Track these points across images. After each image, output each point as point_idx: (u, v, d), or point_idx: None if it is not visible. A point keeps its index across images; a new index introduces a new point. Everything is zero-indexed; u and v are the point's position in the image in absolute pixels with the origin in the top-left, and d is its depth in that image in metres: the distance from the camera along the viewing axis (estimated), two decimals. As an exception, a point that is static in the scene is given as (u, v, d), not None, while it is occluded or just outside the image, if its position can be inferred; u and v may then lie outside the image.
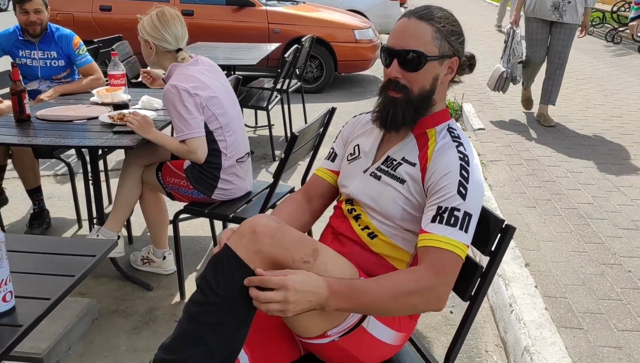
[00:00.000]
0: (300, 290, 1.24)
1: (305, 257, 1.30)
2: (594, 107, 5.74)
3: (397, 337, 1.50)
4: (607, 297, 2.48)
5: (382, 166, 1.54)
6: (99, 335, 2.48)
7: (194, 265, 3.05)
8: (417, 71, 1.43)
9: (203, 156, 2.46)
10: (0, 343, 1.16)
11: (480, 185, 1.42)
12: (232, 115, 2.58)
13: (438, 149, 1.46)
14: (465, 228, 1.36)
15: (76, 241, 1.76)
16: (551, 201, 3.48)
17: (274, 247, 1.28)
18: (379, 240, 1.52)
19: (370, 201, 1.52)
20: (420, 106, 1.47)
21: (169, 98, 2.42)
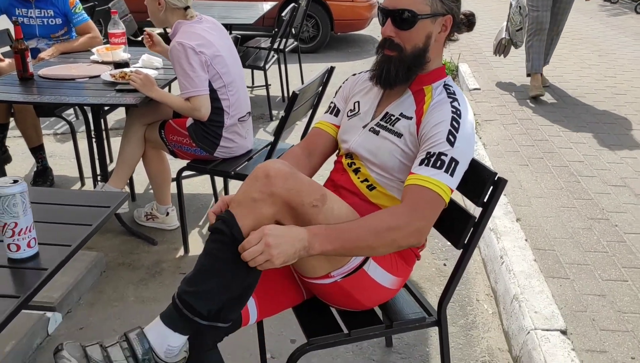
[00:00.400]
0: (279, 235, 1.31)
1: (314, 201, 1.37)
2: (589, 67, 5.78)
3: (394, 281, 1.60)
4: (594, 250, 2.60)
5: (381, 121, 1.61)
6: (107, 286, 2.58)
7: (196, 221, 3.14)
8: (409, 30, 1.50)
9: (207, 113, 2.51)
10: (29, 285, 1.25)
11: (470, 137, 1.49)
12: (235, 74, 2.63)
13: (433, 104, 1.53)
14: (451, 172, 1.44)
15: (90, 194, 1.84)
16: (543, 159, 3.57)
17: (286, 191, 1.35)
18: (377, 192, 1.60)
19: (369, 155, 1.60)
20: (414, 64, 1.53)
21: (174, 55, 2.46)
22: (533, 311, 2.15)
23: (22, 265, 1.32)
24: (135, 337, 1.39)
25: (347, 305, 1.60)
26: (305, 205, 1.36)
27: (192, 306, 1.37)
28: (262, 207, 1.36)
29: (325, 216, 1.38)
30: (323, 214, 1.38)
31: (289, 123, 2.47)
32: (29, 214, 1.32)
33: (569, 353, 1.95)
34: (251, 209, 1.36)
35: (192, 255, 2.82)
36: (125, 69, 2.88)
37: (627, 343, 2.03)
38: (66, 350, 1.35)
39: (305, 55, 6.61)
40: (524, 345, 2.05)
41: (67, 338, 2.26)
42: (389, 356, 2.19)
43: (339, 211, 1.42)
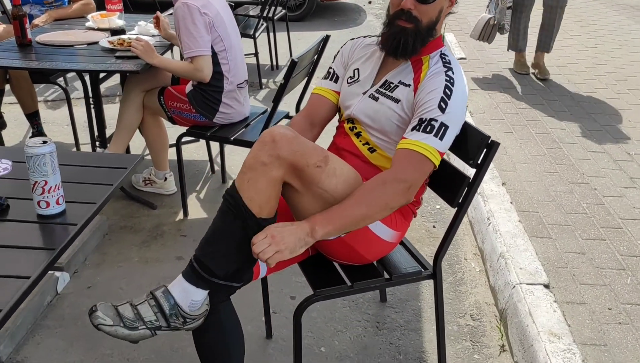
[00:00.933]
0: (281, 229, 1.43)
1: (317, 162, 1.47)
2: (571, 38, 5.90)
3: (393, 235, 1.72)
4: (574, 211, 2.75)
5: (380, 88, 1.71)
6: (111, 248, 2.68)
7: (193, 186, 3.23)
8: (429, 4, 1.58)
9: (209, 74, 2.58)
10: (61, 238, 1.34)
11: (462, 104, 1.59)
12: (234, 39, 2.70)
13: (430, 73, 1.63)
14: (441, 136, 1.55)
15: (108, 156, 1.92)
16: (527, 127, 3.70)
17: (291, 153, 1.45)
18: (377, 154, 1.72)
19: (369, 120, 1.70)
20: (427, 36, 1.63)
21: (179, 15, 2.51)
22: (518, 268, 2.30)
23: (51, 221, 1.41)
24: (162, 294, 1.50)
25: (350, 259, 1.72)
26: (310, 166, 1.46)
27: (209, 269, 1.49)
28: (272, 170, 1.45)
29: (327, 175, 1.48)
30: (326, 174, 1.48)
31: (286, 91, 2.56)
32: (58, 174, 1.40)
33: (552, 304, 2.11)
34: (262, 172, 1.46)
35: (191, 218, 2.92)
36: (123, 36, 2.92)
37: (604, 295, 2.20)
38: (100, 310, 1.45)
39: (292, 23, 6.61)
40: (510, 299, 2.21)
41: (76, 297, 2.37)
42: (383, 310, 2.33)
43: (340, 170, 1.52)
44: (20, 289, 1.17)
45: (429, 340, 2.18)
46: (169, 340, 2.15)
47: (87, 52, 2.78)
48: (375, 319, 2.28)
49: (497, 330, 2.23)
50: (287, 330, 2.21)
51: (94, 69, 2.58)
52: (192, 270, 1.51)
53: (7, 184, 1.56)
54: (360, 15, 7.36)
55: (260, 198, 1.46)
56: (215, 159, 3.47)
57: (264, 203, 1.46)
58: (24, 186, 1.55)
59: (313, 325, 2.24)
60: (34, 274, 1.21)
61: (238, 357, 1.64)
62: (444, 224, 2.89)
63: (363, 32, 6.50)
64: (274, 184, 1.47)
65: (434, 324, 2.23)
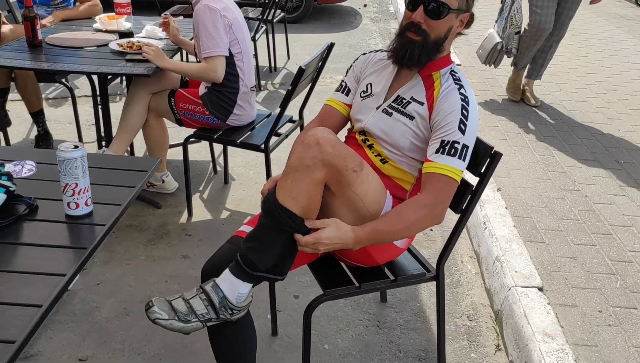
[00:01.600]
0: (329, 244, 1.56)
1: (355, 167, 1.56)
2: (562, 46, 6.03)
3: (404, 241, 1.81)
4: (566, 217, 2.87)
5: (393, 103, 1.78)
6: (119, 246, 2.74)
7: (196, 186, 3.30)
8: (438, 20, 1.66)
9: (222, 75, 2.66)
10: (91, 238, 1.42)
11: (476, 120, 1.70)
12: (248, 43, 2.78)
13: (443, 91, 1.71)
14: (463, 157, 1.66)
15: (128, 159, 1.99)
16: (520, 134, 3.82)
17: (335, 156, 1.53)
18: (389, 165, 1.80)
19: (383, 134, 1.78)
20: (433, 51, 1.71)
21: (200, 17, 2.60)
22: (513, 271, 2.41)
23: (80, 221, 1.48)
24: (211, 288, 1.58)
25: (360, 261, 1.81)
26: (348, 169, 1.55)
27: (253, 263, 1.57)
28: (315, 172, 1.53)
29: (362, 180, 1.58)
30: (360, 179, 1.57)
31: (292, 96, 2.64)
32: (87, 176, 1.48)
33: (545, 307, 2.21)
34: (305, 173, 1.53)
35: (195, 218, 2.99)
36: (132, 39, 2.98)
37: (595, 298, 2.31)
38: (156, 305, 1.54)
39: (289, 25, 6.69)
40: (505, 300, 2.31)
41: (86, 293, 2.44)
42: (384, 310, 2.42)
43: (372, 177, 1.62)
44: (57, 286, 1.24)
45: (428, 338, 2.27)
46: (179, 337, 2.22)
47: (97, 54, 2.85)
48: (376, 318, 2.37)
49: (493, 330, 2.33)
50: (291, 327, 2.30)
51: (107, 72, 2.64)
52: (237, 265, 1.59)
53: (33, 185, 1.63)
54: (356, 18, 7.45)
55: (303, 199, 1.54)
56: (217, 160, 3.55)
57: (306, 204, 1.54)
58: (50, 186, 1.62)
59: (316, 323, 2.33)
60: (69, 272, 1.29)
61: (252, 352, 1.72)
62: (440, 228, 2.99)
63: (359, 35, 6.60)
64: (317, 185, 1.55)
65: (433, 324, 2.33)
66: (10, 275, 1.29)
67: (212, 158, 3.49)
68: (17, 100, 4.03)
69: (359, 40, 6.39)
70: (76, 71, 2.68)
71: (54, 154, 1.79)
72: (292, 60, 5.61)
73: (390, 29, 6.95)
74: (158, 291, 2.46)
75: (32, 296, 1.21)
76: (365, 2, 8.36)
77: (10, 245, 1.39)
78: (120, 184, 1.67)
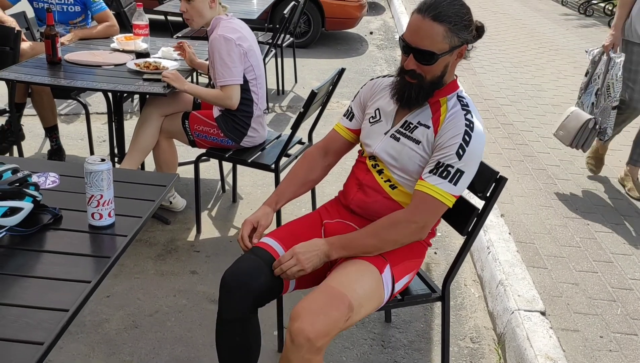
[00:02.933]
0: (305, 250, 1.70)
1: (345, 318, 1.61)
2: (565, 78, 6.15)
3: (411, 275, 1.87)
4: (568, 244, 2.92)
5: (401, 128, 1.82)
6: (128, 260, 2.79)
7: (204, 204, 3.36)
8: (430, 65, 1.69)
9: (237, 102, 2.74)
10: (114, 248, 1.48)
11: (480, 147, 1.71)
12: (261, 68, 2.87)
13: (449, 116, 1.75)
14: (455, 181, 1.69)
15: (148, 174, 2.06)
16: (524, 162, 3.89)
17: (325, 337, 1.58)
18: (398, 191, 1.84)
19: (391, 159, 1.82)
20: (432, 90, 1.74)
21: (215, 47, 2.68)
22: (516, 295, 2.45)
23: (103, 232, 1.54)
24: None
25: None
26: (344, 325, 1.64)
27: None
28: (316, 358, 1.61)
29: (358, 312, 1.67)
30: (356, 313, 1.66)
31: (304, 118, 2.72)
32: (111, 189, 1.54)
33: (548, 331, 2.26)
34: None
35: (203, 235, 3.05)
36: (149, 59, 3.07)
37: (597, 324, 2.35)
38: None
39: (297, 50, 6.82)
40: (508, 324, 2.35)
41: (96, 305, 2.48)
42: (388, 330, 2.46)
43: (364, 293, 1.69)
44: (83, 292, 1.30)
45: (431, 359, 2.31)
46: (186, 350, 2.26)
47: (114, 73, 2.93)
48: (381, 338, 2.41)
49: (495, 352, 2.37)
50: (297, 345, 2.33)
51: (124, 90, 2.72)
52: None
53: (57, 196, 1.70)
54: (362, 45, 7.59)
55: None
56: (226, 179, 3.61)
57: None
58: (73, 197, 1.69)
59: (322, 341, 2.36)
60: (94, 279, 1.34)
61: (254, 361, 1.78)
62: (444, 251, 3.04)
63: (365, 61, 6.72)
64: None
65: (436, 345, 2.37)
66: (37, 281, 1.34)
67: (221, 177, 3.56)
68: (31, 115, 4.11)
69: (365, 66, 6.51)
70: (94, 89, 2.76)
71: (75, 166, 1.87)
72: (300, 84, 5.71)
73: (395, 56, 7.07)
74: (166, 305, 2.51)
75: (59, 300, 1.26)
76: (371, 30, 8.52)
77: (36, 252, 1.44)
78: (140, 197, 1.73)
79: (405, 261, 1.83)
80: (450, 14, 1.64)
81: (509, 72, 6.21)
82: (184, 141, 3.01)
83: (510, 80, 5.88)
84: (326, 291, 1.65)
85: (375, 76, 1.97)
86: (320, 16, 7.16)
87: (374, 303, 1.74)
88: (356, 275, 1.72)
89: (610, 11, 10.15)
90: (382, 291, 1.75)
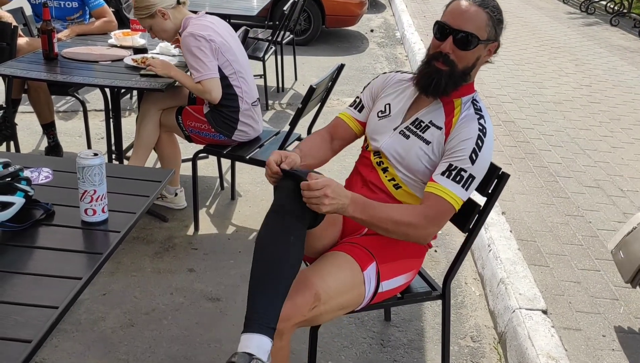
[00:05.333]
0: (336, 193, 1.55)
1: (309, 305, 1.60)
2: (566, 76, 6.12)
3: (408, 275, 1.83)
4: (570, 242, 2.89)
5: (411, 126, 1.78)
6: (125, 257, 2.76)
7: (203, 201, 3.33)
8: (467, 50, 1.66)
9: (217, 96, 2.70)
10: (107, 243, 1.44)
11: (490, 153, 1.70)
12: (242, 62, 2.83)
13: (462, 118, 1.71)
14: (467, 187, 1.67)
15: (143, 169, 2.02)
16: (525, 160, 3.86)
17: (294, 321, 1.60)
18: (402, 191, 1.80)
19: (398, 156, 1.78)
20: (460, 81, 1.70)
21: (186, 45, 2.65)
22: (518, 293, 2.42)
23: (96, 228, 1.51)
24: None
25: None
26: (311, 315, 1.62)
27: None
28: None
29: (328, 305, 1.65)
30: (325, 306, 1.64)
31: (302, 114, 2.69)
32: (104, 184, 1.51)
33: (549, 329, 2.22)
34: None
35: (201, 232, 3.02)
36: (146, 55, 3.04)
37: (599, 323, 2.32)
38: None
39: (297, 47, 6.79)
40: (509, 322, 2.32)
41: (92, 303, 2.45)
42: (388, 329, 2.43)
43: (337, 288, 1.66)
44: (74, 289, 1.26)
45: (431, 359, 2.28)
46: (183, 348, 2.23)
47: (111, 69, 2.90)
48: (380, 337, 2.38)
49: (496, 351, 2.34)
50: (295, 344, 2.30)
51: (121, 86, 2.69)
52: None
53: (50, 191, 1.66)
54: (363, 42, 7.55)
55: None
56: (225, 176, 3.58)
57: None
58: (66, 193, 1.65)
59: (320, 340, 2.33)
60: (86, 275, 1.31)
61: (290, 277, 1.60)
62: (445, 249, 3.00)
63: (365, 59, 6.69)
64: None
65: (436, 344, 2.34)
66: (27, 277, 1.31)
67: (220, 174, 3.52)
68: (28, 112, 4.08)
69: (365, 63, 6.48)
70: (91, 84, 2.73)
71: (69, 161, 1.83)
72: (300, 81, 5.68)
73: (396, 54, 7.04)
74: (163, 303, 2.48)
75: (48, 297, 1.23)
76: (372, 27, 8.48)
77: (27, 248, 1.41)
78: (134, 193, 1.69)
79: (398, 260, 1.79)
80: (493, 6, 1.69)
81: (510, 69, 6.18)
82: (181, 136, 2.99)
83: (512, 77, 5.84)
84: (297, 278, 1.60)
85: (375, 73, 1.93)
86: (321, 14, 7.12)
87: (348, 297, 1.69)
88: (333, 267, 1.68)
89: (612, 9, 10.10)
90: (362, 287, 1.71)
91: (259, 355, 1.46)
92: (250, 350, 1.46)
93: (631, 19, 9.75)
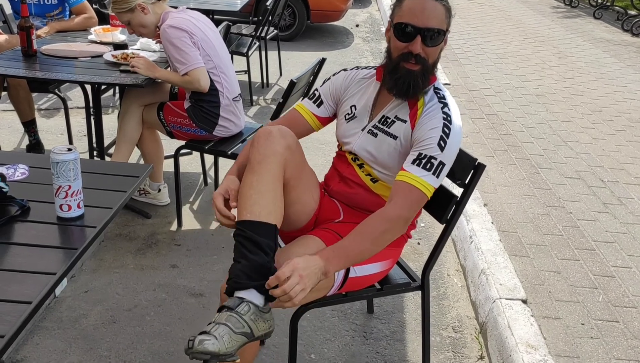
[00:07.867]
0: (306, 267, 1.49)
1: None
2: (549, 68, 6.16)
3: (384, 264, 1.84)
4: (551, 233, 2.92)
5: (378, 124, 1.79)
6: (107, 254, 2.75)
7: (186, 197, 3.32)
8: (436, 46, 1.67)
9: (206, 84, 2.70)
10: (82, 239, 1.44)
11: (457, 139, 1.70)
12: (223, 56, 2.83)
13: (426, 109, 1.73)
14: (437, 174, 1.67)
15: (121, 164, 2.02)
16: (507, 152, 3.89)
17: None
18: (379, 184, 1.82)
19: (370, 156, 1.80)
20: (429, 75, 1.71)
21: (166, 38, 2.63)
22: (498, 284, 2.44)
23: (71, 223, 1.50)
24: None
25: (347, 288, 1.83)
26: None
27: None
28: None
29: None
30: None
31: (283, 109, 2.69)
32: (79, 179, 1.50)
33: (529, 319, 2.25)
34: None
35: (185, 228, 3.01)
36: (126, 51, 3.02)
37: (578, 311, 2.35)
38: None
39: (282, 43, 6.78)
40: (490, 312, 2.34)
41: (73, 300, 2.44)
42: (370, 321, 2.44)
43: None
44: (47, 284, 1.26)
45: (413, 350, 2.30)
46: (165, 344, 2.23)
47: (91, 65, 2.88)
48: (363, 329, 2.39)
49: (477, 341, 2.36)
50: (277, 337, 2.31)
51: (100, 82, 2.68)
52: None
53: (26, 188, 1.66)
54: (348, 37, 7.56)
55: None
56: (208, 172, 3.58)
57: None
58: (42, 189, 1.65)
59: (303, 333, 2.34)
60: (60, 271, 1.31)
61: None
62: (428, 241, 3.02)
63: (350, 54, 6.69)
64: None
65: (418, 335, 2.36)
66: (1, 273, 1.30)
67: (203, 170, 3.52)
68: (9, 110, 4.05)
69: (350, 58, 6.48)
70: (70, 80, 2.71)
71: (46, 158, 1.82)
72: (284, 76, 5.67)
73: (381, 49, 7.05)
74: (146, 300, 2.47)
75: (22, 293, 1.23)
76: (357, 22, 8.49)
77: (1, 245, 1.40)
78: (111, 188, 1.69)
79: None
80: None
81: (493, 63, 6.21)
82: (163, 132, 2.98)
83: (495, 71, 5.88)
84: None
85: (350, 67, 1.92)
86: (305, 9, 7.12)
87: None
88: (300, 248, 1.69)
89: (595, 2, 10.18)
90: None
91: (250, 299, 1.50)
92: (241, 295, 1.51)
93: (614, 11, 9.82)
